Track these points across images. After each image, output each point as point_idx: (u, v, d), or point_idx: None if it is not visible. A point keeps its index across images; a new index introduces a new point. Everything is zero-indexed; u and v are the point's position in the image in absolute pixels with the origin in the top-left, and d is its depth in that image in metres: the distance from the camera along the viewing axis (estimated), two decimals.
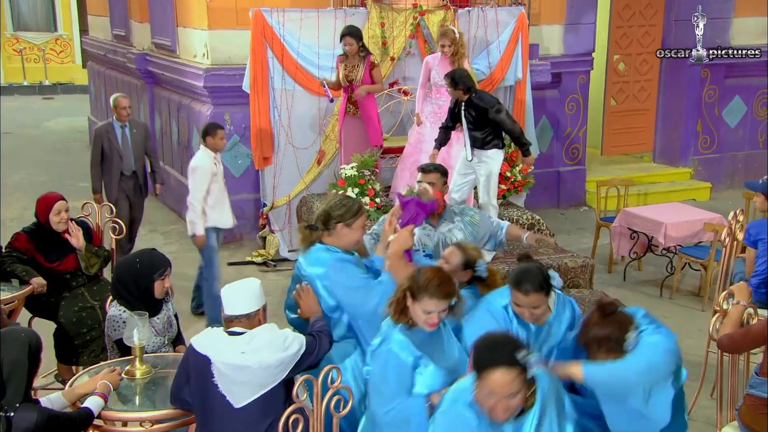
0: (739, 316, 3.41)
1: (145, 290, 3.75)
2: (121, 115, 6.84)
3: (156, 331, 3.83)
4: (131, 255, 3.92)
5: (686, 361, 5.43)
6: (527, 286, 3.20)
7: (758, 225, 4.72)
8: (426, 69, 6.83)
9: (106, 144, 6.86)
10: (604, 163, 10.52)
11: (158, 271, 3.79)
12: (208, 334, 3.24)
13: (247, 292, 3.30)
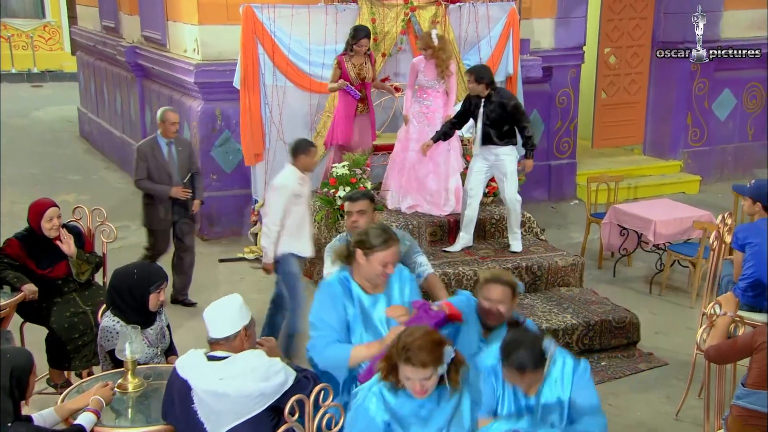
0: (726, 327, 3.46)
1: (139, 301, 3.76)
2: (169, 131, 6.19)
3: (149, 342, 3.84)
4: (129, 265, 3.91)
5: (674, 360, 5.58)
6: (521, 364, 2.94)
7: (746, 229, 4.77)
8: (413, 71, 6.80)
9: (152, 163, 6.15)
10: (595, 156, 10.55)
11: (155, 283, 3.80)
12: (190, 357, 3.18)
13: (227, 312, 3.22)
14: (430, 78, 6.72)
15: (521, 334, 3.05)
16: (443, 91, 6.79)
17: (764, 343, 3.20)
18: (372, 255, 3.39)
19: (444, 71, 6.69)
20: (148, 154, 6.22)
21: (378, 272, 3.41)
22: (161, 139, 6.28)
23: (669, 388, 5.13)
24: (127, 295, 3.74)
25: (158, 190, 6.20)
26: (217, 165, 8.27)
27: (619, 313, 5.75)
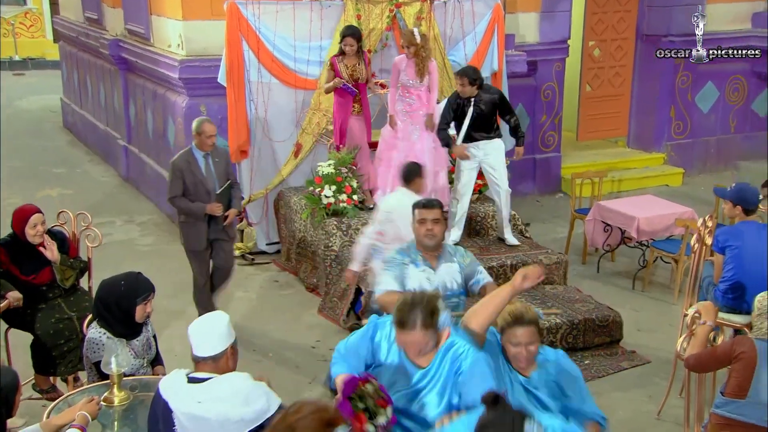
0: (706, 335, 3.52)
1: (126, 313, 3.77)
2: (206, 143, 5.63)
3: (135, 353, 3.85)
4: (117, 277, 3.89)
5: (657, 358, 5.66)
6: None
7: (726, 232, 4.84)
8: (395, 70, 6.80)
9: (188, 178, 5.62)
10: (580, 149, 10.60)
11: (142, 295, 3.80)
12: (172, 377, 3.13)
13: (214, 330, 3.14)
14: (411, 77, 6.74)
15: (500, 417, 2.45)
16: (425, 89, 6.83)
17: (743, 353, 3.27)
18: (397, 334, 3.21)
19: (423, 69, 6.70)
20: (185, 169, 5.63)
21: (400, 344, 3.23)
22: (197, 152, 5.67)
23: (651, 387, 5.21)
24: (114, 306, 3.74)
25: (193, 208, 5.66)
26: None
27: (602, 312, 5.82)
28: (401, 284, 4.02)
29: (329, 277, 6.41)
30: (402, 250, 4.17)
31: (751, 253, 4.70)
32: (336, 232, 6.48)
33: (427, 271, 4.05)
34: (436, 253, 4.12)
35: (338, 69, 6.80)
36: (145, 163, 9.56)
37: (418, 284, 3.96)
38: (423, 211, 4.09)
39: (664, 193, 9.90)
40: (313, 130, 7.55)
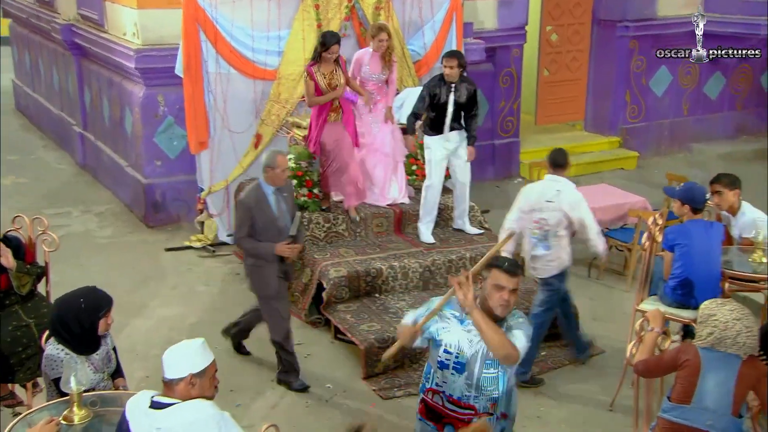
0: (653, 342, 3.67)
1: (89, 329, 3.75)
2: (280, 178, 5.09)
3: (95, 368, 3.82)
4: (74, 294, 3.82)
5: (611, 348, 5.85)
6: None
7: (675, 230, 5.01)
8: (357, 65, 6.80)
9: (259, 217, 5.08)
10: (539, 132, 10.74)
11: (103, 309, 3.80)
12: (137, 399, 3.10)
13: (182, 353, 3.13)
14: (376, 70, 6.76)
15: None
16: (384, 82, 6.86)
17: (687, 361, 3.43)
18: None
19: (389, 62, 6.74)
20: (254, 207, 5.08)
21: None
22: (267, 188, 5.10)
23: (604, 378, 5.39)
24: (75, 324, 3.71)
25: (262, 250, 5.10)
26: (161, 151, 8.17)
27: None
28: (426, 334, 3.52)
29: None
30: (454, 303, 3.52)
31: (698, 251, 4.88)
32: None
33: (473, 332, 3.39)
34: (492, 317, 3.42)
35: (316, 79, 6.34)
36: (101, 150, 9.43)
37: (456, 342, 3.41)
38: (504, 277, 3.39)
39: (620, 176, 10.13)
40: (272, 121, 7.53)
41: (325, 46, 6.25)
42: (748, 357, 3.42)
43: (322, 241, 6.53)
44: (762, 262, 5.03)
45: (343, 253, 6.34)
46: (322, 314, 6.06)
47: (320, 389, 5.30)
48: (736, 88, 11.17)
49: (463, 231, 6.89)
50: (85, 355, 3.77)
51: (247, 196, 5.19)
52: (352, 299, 6.01)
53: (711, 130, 11.14)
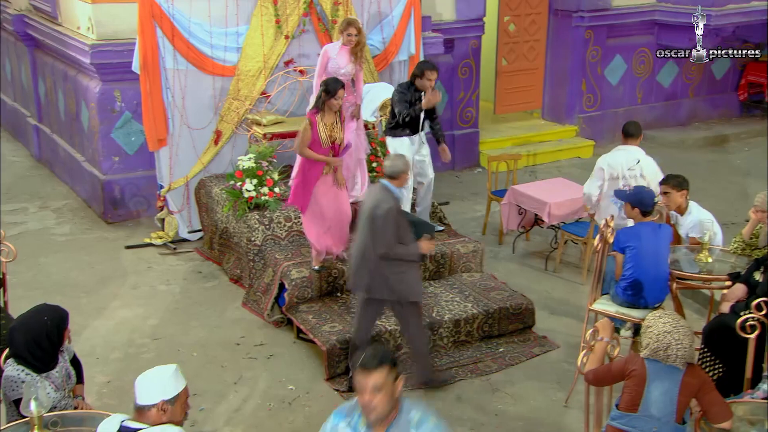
0: (603, 352, 3.83)
1: (56, 344, 3.78)
2: (406, 181, 5.15)
3: (55, 386, 3.84)
4: (33, 315, 3.82)
5: (566, 343, 6.03)
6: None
7: (626, 233, 5.18)
8: (324, 58, 6.67)
9: (401, 223, 5.02)
10: (497, 121, 10.88)
11: (66, 322, 3.84)
12: (109, 422, 3.15)
13: (153, 380, 3.19)
14: (342, 64, 6.63)
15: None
16: (351, 79, 6.84)
17: (634, 371, 3.59)
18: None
19: (359, 58, 6.67)
20: (399, 214, 5.02)
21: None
22: (396, 191, 5.06)
23: (560, 374, 5.57)
24: (46, 342, 3.72)
25: (412, 252, 5.02)
26: (119, 147, 8.10)
27: (515, 300, 6.14)
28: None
29: (252, 271, 6.50)
30: (343, 411, 3.18)
31: (647, 253, 5.05)
32: (258, 226, 6.54)
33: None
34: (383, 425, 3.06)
35: (317, 129, 5.81)
36: (58, 144, 9.30)
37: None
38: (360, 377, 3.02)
39: (576, 165, 10.33)
40: (232, 118, 7.51)
41: (329, 93, 5.78)
42: (689, 366, 3.60)
43: (283, 240, 6.58)
44: (707, 261, 5.23)
45: (305, 252, 6.40)
46: (284, 314, 6.12)
47: (283, 391, 5.38)
48: (688, 76, 11.42)
49: None
50: (44, 373, 3.78)
51: (387, 203, 4.95)
52: (314, 299, 6.08)
53: (664, 117, 11.40)
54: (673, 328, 3.57)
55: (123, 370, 5.58)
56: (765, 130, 11.44)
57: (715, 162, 10.36)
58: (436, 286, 6.36)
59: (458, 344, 5.89)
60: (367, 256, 5.01)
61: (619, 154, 6.28)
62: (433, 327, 5.78)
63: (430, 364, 5.43)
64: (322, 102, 5.80)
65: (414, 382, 5.29)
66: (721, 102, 11.73)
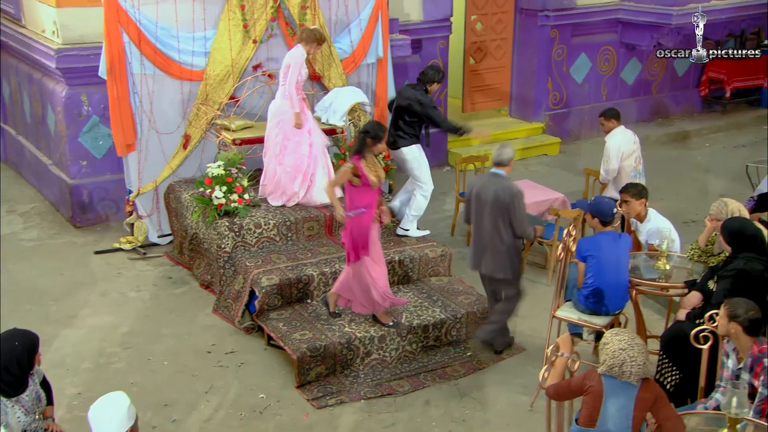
0: (564, 367, 3.97)
1: (27, 368, 3.81)
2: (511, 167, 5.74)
3: (26, 410, 3.87)
4: (4, 340, 3.83)
5: (531, 345, 6.18)
6: None
7: (587, 242, 5.33)
8: (297, 65, 6.76)
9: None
10: (466, 119, 10.97)
11: (37, 346, 3.87)
12: None
13: (114, 414, 3.26)
14: (305, 73, 6.98)
15: None
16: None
17: (591, 387, 3.74)
18: None
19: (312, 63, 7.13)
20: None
21: None
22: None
23: (525, 377, 5.71)
24: (16, 367, 3.75)
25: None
26: (87, 151, 8.07)
27: (482, 304, 6.26)
28: None
29: (223, 278, 6.55)
30: None
31: (608, 262, 5.21)
32: (228, 233, 6.59)
33: None
34: None
35: (365, 173, 5.59)
36: (24, 146, 9.21)
37: None
38: None
39: (544, 163, 10.50)
40: (200, 123, 7.52)
41: (377, 139, 5.68)
42: (644, 381, 3.75)
43: (253, 247, 6.64)
44: (665, 268, 5.41)
45: (275, 259, 6.47)
46: (255, 321, 6.19)
47: (254, 399, 5.45)
48: (651, 73, 11.63)
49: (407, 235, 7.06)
50: (15, 397, 3.81)
51: (514, 187, 5.61)
52: (284, 306, 6.16)
53: (628, 114, 11.51)
54: (628, 345, 3.71)
55: (94, 381, 5.62)
56: (724, 126, 11.74)
57: (677, 159, 10.59)
58: (405, 291, 6.47)
59: (427, 349, 6.01)
60: (497, 240, 5.52)
61: (622, 135, 7.14)
62: (401, 332, 5.90)
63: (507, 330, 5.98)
64: (364, 146, 5.65)
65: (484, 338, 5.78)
66: (683, 98, 11.98)
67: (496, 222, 5.49)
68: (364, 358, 5.76)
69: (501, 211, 5.45)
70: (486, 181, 5.64)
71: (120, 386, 5.48)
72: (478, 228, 5.65)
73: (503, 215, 5.46)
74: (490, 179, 5.60)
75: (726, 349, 4.22)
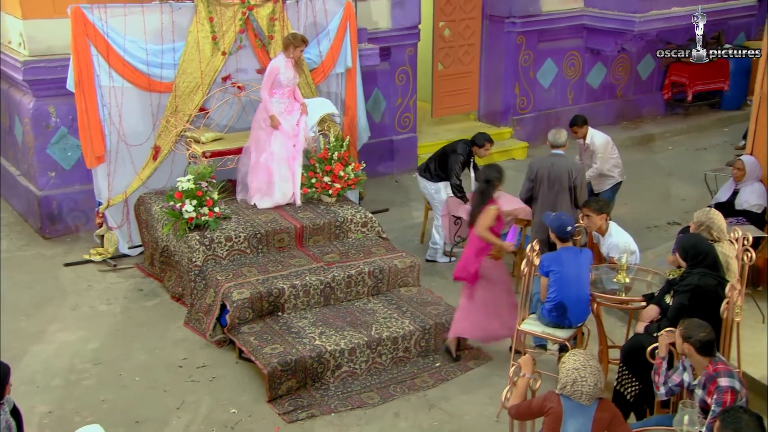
0: (525, 387, 4.11)
1: None
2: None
3: None
4: None
5: (498, 354, 6.33)
6: None
7: (549, 258, 5.49)
8: (273, 74, 7.09)
9: None
10: (435, 124, 11.13)
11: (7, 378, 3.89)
12: None
13: None
14: (291, 76, 7.19)
15: None
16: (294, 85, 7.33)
17: (551, 409, 3.88)
18: None
19: (301, 66, 7.35)
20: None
21: None
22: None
23: (491, 387, 5.85)
24: None
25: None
26: (55, 162, 8.06)
27: (451, 314, 6.39)
28: None
29: (194, 291, 6.60)
30: None
31: (570, 276, 5.37)
32: (199, 247, 6.64)
33: None
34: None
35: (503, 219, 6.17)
36: None
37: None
38: None
39: (512, 167, 10.60)
40: (170, 134, 7.55)
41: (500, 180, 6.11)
42: (600, 401, 3.91)
43: (224, 260, 6.70)
44: (625, 281, 5.58)
45: (246, 272, 6.54)
46: (226, 334, 6.25)
47: (225, 415, 5.52)
48: (615, 77, 11.86)
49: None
50: None
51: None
52: (255, 319, 6.23)
53: (594, 117, 11.68)
54: (581, 365, 3.87)
55: (64, 399, 5.64)
56: (687, 129, 12.01)
57: (642, 162, 10.81)
58: (375, 302, 6.58)
59: (397, 361, 6.13)
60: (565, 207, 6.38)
61: (601, 137, 7.73)
62: (371, 345, 6.01)
63: None
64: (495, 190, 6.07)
65: None
66: (647, 101, 12.23)
67: (564, 194, 6.44)
68: (334, 371, 5.87)
69: (569, 184, 6.44)
70: (554, 161, 6.58)
71: (91, 404, 5.58)
72: (545, 201, 6.49)
73: (570, 188, 6.45)
74: (559, 159, 6.59)
75: (684, 363, 4.39)
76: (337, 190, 7.39)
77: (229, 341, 6.27)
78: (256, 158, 7.28)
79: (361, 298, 6.63)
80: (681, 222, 8.72)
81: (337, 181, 7.37)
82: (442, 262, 7.79)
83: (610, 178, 7.72)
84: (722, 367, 4.09)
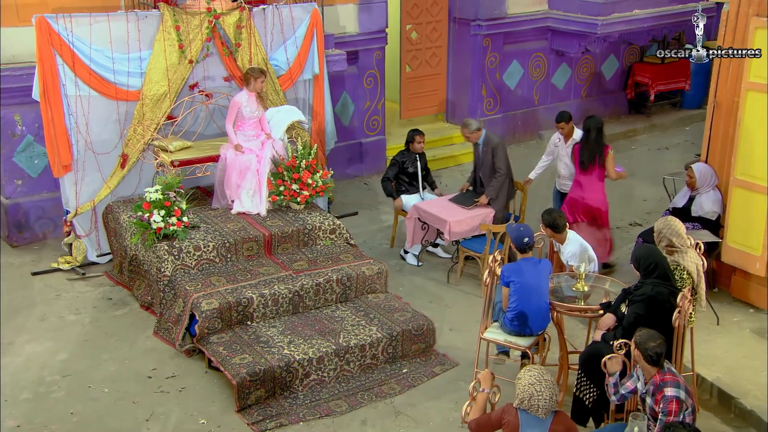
0: (484, 402, 4.26)
1: None
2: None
3: None
4: None
5: (464, 359, 6.49)
6: None
7: (509, 268, 5.64)
8: (235, 108, 7.37)
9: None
10: (404, 125, 11.21)
11: None
12: None
13: None
14: (254, 109, 7.43)
15: None
16: (258, 118, 7.56)
17: (508, 421, 4.04)
18: None
19: (264, 100, 7.58)
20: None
21: None
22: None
23: (457, 393, 6.00)
24: None
25: None
26: (22, 170, 8.04)
27: (418, 321, 6.53)
28: None
29: (163, 301, 6.65)
30: None
31: (529, 287, 5.52)
32: (168, 257, 6.69)
33: None
34: None
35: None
36: None
37: None
38: None
39: None
40: (137, 142, 7.57)
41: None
42: (556, 414, 4.07)
43: (193, 270, 6.76)
44: (584, 290, 5.76)
45: (215, 281, 6.60)
46: (195, 344, 6.32)
47: (195, 425, 5.60)
48: (580, 77, 12.05)
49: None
50: None
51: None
52: (224, 329, 6.31)
53: None
54: (536, 380, 4.03)
55: (33, 412, 5.67)
56: (649, 128, 12.26)
57: None
58: (343, 309, 6.69)
59: (365, 368, 6.25)
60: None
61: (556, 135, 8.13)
62: (339, 353, 6.12)
63: None
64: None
65: None
66: (610, 101, 12.45)
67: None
68: (303, 379, 5.98)
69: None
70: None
71: (60, 417, 5.63)
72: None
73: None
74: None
75: (637, 372, 4.58)
76: (305, 197, 7.47)
77: (199, 350, 6.34)
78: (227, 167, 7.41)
79: (330, 305, 6.74)
80: (642, 223, 8.96)
81: (306, 189, 7.46)
82: (410, 264, 7.89)
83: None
84: (669, 378, 4.28)
